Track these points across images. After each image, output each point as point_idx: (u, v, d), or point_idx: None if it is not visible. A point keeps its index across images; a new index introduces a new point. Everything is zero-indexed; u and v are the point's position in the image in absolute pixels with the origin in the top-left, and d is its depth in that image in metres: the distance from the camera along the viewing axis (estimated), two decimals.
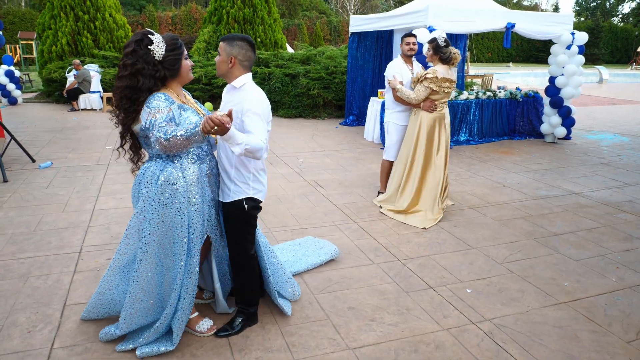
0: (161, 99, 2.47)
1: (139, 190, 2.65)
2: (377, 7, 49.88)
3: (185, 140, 2.40)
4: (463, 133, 8.68)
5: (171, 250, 2.65)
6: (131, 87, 2.46)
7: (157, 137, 2.38)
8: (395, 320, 3.07)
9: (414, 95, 4.77)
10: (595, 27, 41.53)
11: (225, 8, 13.49)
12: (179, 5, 54.61)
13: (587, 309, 3.25)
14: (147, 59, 2.46)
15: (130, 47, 2.47)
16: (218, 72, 2.75)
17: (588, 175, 6.65)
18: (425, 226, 4.64)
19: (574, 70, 8.34)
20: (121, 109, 2.54)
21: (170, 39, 2.54)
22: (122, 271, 2.78)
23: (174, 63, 2.53)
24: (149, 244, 2.59)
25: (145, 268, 2.62)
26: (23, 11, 32.38)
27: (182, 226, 2.61)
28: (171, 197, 2.56)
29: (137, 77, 2.45)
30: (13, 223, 4.55)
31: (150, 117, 2.43)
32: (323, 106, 11.43)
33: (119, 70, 2.51)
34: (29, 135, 8.70)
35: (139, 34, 2.50)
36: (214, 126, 2.27)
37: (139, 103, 2.49)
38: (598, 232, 4.61)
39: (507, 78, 24.00)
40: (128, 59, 2.46)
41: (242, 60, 2.69)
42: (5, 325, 2.92)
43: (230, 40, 2.68)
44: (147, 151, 2.69)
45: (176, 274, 2.66)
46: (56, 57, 13.83)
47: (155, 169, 2.59)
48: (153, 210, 2.56)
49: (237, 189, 2.75)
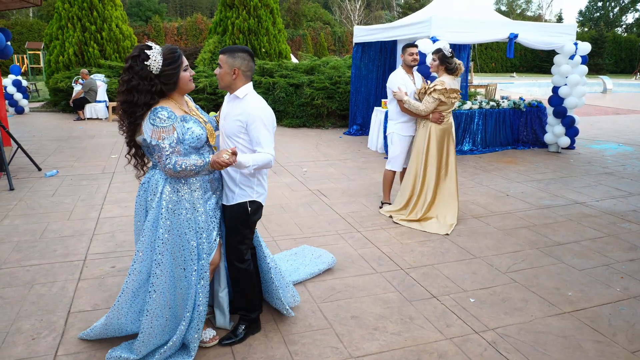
0: (164, 117, 2.47)
1: (145, 198, 2.66)
2: (381, 17, 50.20)
3: (195, 174, 2.53)
4: (467, 143, 8.69)
5: (182, 259, 2.64)
6: (127, 102, 2.49)
7: (165, 166, 2.47)
8: (398, 329, 3.07)
9: (423, 106, 4.81)
10: (599, 38, 41.59)
11: (231, 19, 13.61)
12: (185, 16, 55.16)
13: (592, 319, 3.24)
14: (142, 75, 2.48)
15: (127, 64, 2.51)
16: (221, 84, 2.77)
17: (592, 184, 6.64)
18: (447, 232, 4.72)
19: (578, 80, 8.36)
20: (124, 120, 2.57)
21: (168, 53, 2.53)
22: (134, 295, 2.70)
23: (170, 77, 2.53)
24: (164, 255, 2.59)
25: (160, 281, 2.60)
26: (31, 22, 32.77)
27: (191, 231, 2.63)
28: (177, 204, 2.59)
29: (133, 93, 2.48)
30: (19, 231, 4.58)
31: (154, 135, 2.45)
32: (327, 116, 11.47)
33: (119, 86, 2.57)
34: (35, 144, 8.77)
35: (137, 49, 2.52)
36: (222, 167, 2.47)
37: (137, 117, 2.51)
38: (602, 241, 4.60)
39: (511, 88, 24.04)
40: (125, 75, 2.51)
41: (245, 70, 2.73)
42: (10, 332, 2.93)
43: (231, 52, 2.70)
44: (150, 158, 2.71)
45: (189, 282, 2.65)
46: (63, 67, 13.98)
47: (159, 178, 2.61)
48: (163, 219, 2.57)
49: (241, 192, 2.79)
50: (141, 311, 2.71)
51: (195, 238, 2.65)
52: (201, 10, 61.16)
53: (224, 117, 2.80)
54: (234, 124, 2.71)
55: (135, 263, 2.64)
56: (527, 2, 64.54)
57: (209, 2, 69.95)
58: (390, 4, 54.74)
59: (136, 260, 2.64)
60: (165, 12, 58.52)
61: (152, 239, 2.60)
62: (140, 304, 2.71)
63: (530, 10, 64.22)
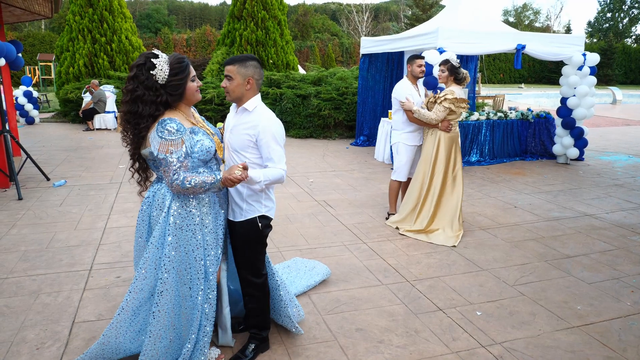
0: (173, 129, 2.36)
1: (149, 213, 2.55)
2: (388, 29, 50.42)
3: (204, 191, 2.40)
4: (474, 154, 8.65)
5: (188, 277, 2.53)
6: (131, 112, 2.39)
7: (173, 182, 2.35)
8: (403, 342, 3.03)
9: (434, 115, 4.83)
10: (609, 48, 41.45)
11: (239, 30, 13.73)
12: (194, 27, 55.71)
13: (601, 333, 3.18)
14: (148, 85, 2.37)
15: (132, 72, 2.39)
16: (231, 96, 2.60)
17: (601, 196, 6.57)
18: (454, 244, 4.70)
19: (586, 91, 8.32)
20: (127, 131, 2.48)
21: (175, 62, 2.43)
22: (134, 313, 2.55)
23: (177, 88, 2.43)
24: (169, 272, 2.46)
25: (165, 300, 2.46)
26: (43, 34, 33.28)
27: (198, 249, 2.52)
28: (185, 220, 2.48)
29: (137, 103, 2.37)
30: (26, 240, 4.60)
31: (162, 149, 2.34)
32: (334, 126, 11.49)
33: (123, 95, 2.45)
34: (44, 154, 8.85)
35: (142, 57, 2.40)
36: (234, 185, 2.35)
37: (142, 128, 2.40)
38: (612, 254, 4.54)
39: (519, 99, 23.98)
40: (129, 84, 2.39)
41: (258, 79, 2.61)
42: (14, 342, 2.93)
43: (242, 61, 2.56)
44: (155, 172, 2.61)
45: (195, 302, 2.54)
46: (73, 78, 14.16)
47: (166, 192, 2.50)
48: (170, 235, 2.45)
49: (249, 208, 2.68)
50: (141, 330, 2.59)
51: (203, 256, 2.54)
52: (210, 22, 61.84)
53: (230, 130, 2.66)
54: (243, 137, 2.58)
55: (137, 281, 2.50)
56: (535, 13, 64.61)
57: (218, 14, 70.74)
58: (398, 16, 54.99)
59: (138, 277, 2.50)
60: (174, 24, 59.24)
61: (156, 256, 2.48)
62: (140, 323, 2.59)
63: (539, 21, 64.28)
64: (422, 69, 5.09)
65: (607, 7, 58.56)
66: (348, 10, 50.93)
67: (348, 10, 50.93)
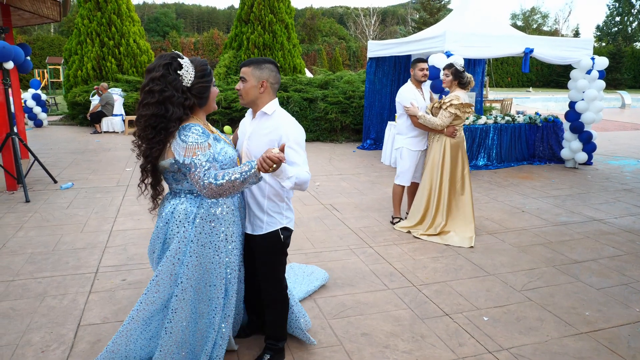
0: (198, 132, 2.24)
1: (166, 231, 2.38)
2: (395, 32, 50.44)
3: (240, 184, 2.18)
4: (481, 158, 8.61)
5: (207, 295, 2.41)
6: (158, 115, 2.20)
7: (204, 182, 2.17)
8: (409, 347, 3.01)
9: (440, 121, 4.82)
10: (617, 52, 41.22)
11: (246, 34, 13.79)
12: (202, 31, 55.99)
13: (610, 339, 3.14)
14: (176, 86, 2.23)
15: (158, 72, 2.22)
16: (245, 99, 2.52)
17: (610, 201, 6.51)
18: (471, 245, 4.74)
19: (595, 95, 8.26)
20: (144, 139, 2.26)
21: (199, 65, 2.32)
22: (146, 323, 2.46)
23: (203, 91, 2.32)
24: (186, 290, 2.35)
25: (180, 317, 2.37)
26: (52, 37, 33.59)
27: (220, 266, 2.41)
28: (209, 236, 2.36)
29: (166, 105, 2.20)
30: (32, 243, 4.62)
31: (188, 153, 2.20)
32: (341, 130, 11.49)
33: (143, 96, 2.25)
34: (52, 157, 8.90)
35: (167, 56, 2.26)
36: (272, 165, 2.11)
37: (168, 134, 2.23)
38: (621, 260, 4.49)
39: (527, 103, 23.88)
40: (156, 85, 2.21)
41: (273, 83, 2.51)
42: (19, 345, 2.94)
43: (257, 64, 2.47)
44: (172, 186, 2.43)
45: (212, 320, 2.44)
46: (81, 82, 14.26)
47: (189, 206, 2.35)
48: (191, 252, 2.33)
49: (271, 220, 2.58)
50: (153, 337, 2.52)
51: (225, 274, 2.43)
52: (218, 25, 62.15)
53: (249, 137, 2.54)
54: (264, 143, 2.47)
55: (149, 293, 2.38)
56: (544, 17, 64.39)
57: (226, 18, 71.09)
58: (405, 19, 55.00)
59: (151, 289, 2.38)
60: (182, 27, 59.60)
61: (172, 271, 2.36)
62: (152, 331, 2.50)
63: (547, 25, 64.04)
64: (424, 72, 5.06)
65: (616, 11, 58.29)
66: (355, 13, 51.03)
67: (355, 13, 51.03)
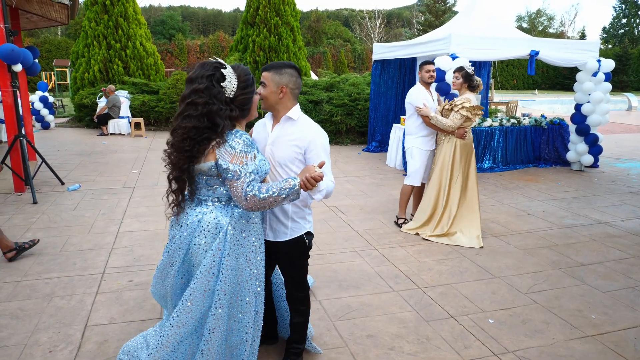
0: (248, 142, 2.17)
1: (190, 240, 2.26)
2: (400, 35, 50.45)
3: (282, 200, 2.15)
4: (487, 160, 8.59)
5: (238, 310, 2.31)
6: (199, 128, 2.13)
7: (248, 194, 2.11)
8: (414, 349, 3.01)
9: (451, 123, 4.86)
10: (624, 54, 41.05)
11: (252, 36, 13.82)
12: (207, 33, 56.21)
13: (616, 343, 3.13)
14: (221, 98, 2.15)
15: (200, 84, 2.13)
16: (265, 104, 2.46)
17: (616, 204, 6.48)
18: (480, 245, 4.79)
19: (601, 97, 8.23)
20: (180, 151, 2.17)
21: (243, 75, 2.24)
22: (174, 349, 2.30)
23: (245, 102, 2.25)
24: (223, 308, 2.23)
25: (216, 338, 2.24)
26: (59, 40, 33.81)
27: (252, 279, 2.32)
28: (242, 247, 2.28)
29: (213, 118, 2.13)
30: (40, 244, 4.65)
31: (236, 161, 2.13)
32: (346, 132, 11.50)
33: (184, 108, 2.16)
34: (59, 159, 8.96)
35: (209, 67, 2.18)
36: (315, 184, 2.12)
37: (207, 145, 2.16)
38: (627, 262, 4.47)
39: (532, 105, 23.81)
40: (200, 98, 2.13)
41: (294, 88, 2.45)
42: (27, 345, 2.96)
43: (278, 68, 2.42)
44: (201, 192, 2.31)
45: (244, 337, 2.34)
46: (88, 84, 14.35)
47: (220, 216, 2.25)
48: (227, 265, 2.21)
49: (295, 226, 2.56)
50: None
51: (255, 287, 2.35)
52: (223, 28, 62.38)
53: (273, 142, 2.48)
54: (290, 149, 2.43)
55: (182, 314, 2.23)
56: (549, 19, 64.21)
57: (231, 20, 71.34)
58: (410, 22, 55.01)
59: (182, 310, 2.23)
60: (188, 30, 59.86)
61: (206, 288, 2.22)
62: (181, 357, 2.34)
63: (553, 27, 63.85)
64: (431, 74, 5.11)
65: (622, 13, 58.03)
66: (360, 16, 51.08)
67: (360, 16, 51.08)
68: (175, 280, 2.34)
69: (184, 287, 2.36)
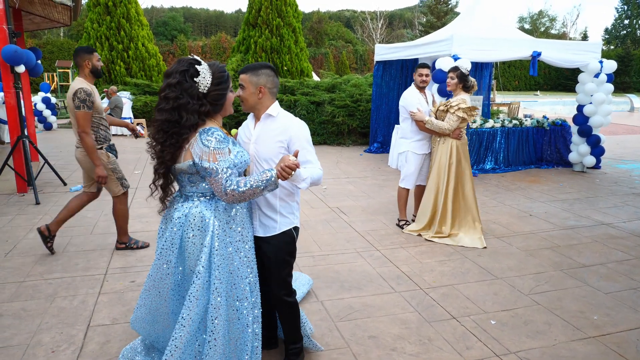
0: (220, 138, 2.23)
1: (180, 235, 2.32)
2: (402, 36, 50.44)
3: (260, 192, 2.21)
4: (489, 161, 8.59)
5: (234, 298, 2.35)
6: (171, 121, 2.21)
7: (226, 189, 2.18)
8: (416, 350, 3.01)
9: (448, 125, 4.87)
10: (626, 55, 40.98)
11: (254, 38, 13.85)
12: (209, 35, 56.29)
13: (618, 344, 3.13)
14: (191, 93, 2.22)
15: (174, 78, 2.21)
16: (245, 105, 2.53)
17: (619, 205, 6.47)
18: (484, 245, 4.81)
19: (603, 98, 8.23)
20: (157, 142, 2.28)
21: (217, 71, 2.30)
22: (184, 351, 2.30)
23: (218, 98, 2.31)
24: (222, 296, 2.28)
25: (220, 327, 2.28)
26: (61, 41, 33.89)
27: (243, 266, 2.37)
28: (229, 237, 2.34)
29: (180, 112, 2.21)
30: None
31: (210, 158, 2.19)
32: (348, 133, 11.50)
33: (159, 102, 2.26)
34: (61, 160, 8.98)
35: (184, 62, 2.25)
36: (291, 173, 2.18)
37: (181, 139, 2.24)
38: (629, 264, 4.47)
39: (534, 106, 23.79)
40: (171, 92, 2.21)
41: (272, 87, 2.52)
42: (30, 345, 2.97)
43: (254, 70, 2.49)
44: (185, 189, 2.39)
45: (244, 324, 2.38)
46: None
47: (205, 210, 2.32)
48: (218, 254, 2.28)
49: (284, 220, 2.60)
50: None
51: (247, 274, 2.39)
52: (225, 29, 62.44)
53: (256, 141, 2.54)
54: (273, 145, 2.49)
55: (189, 311, 2.26)
56: (551, 20, 64.13)
57: (233, 22, 71.41)
58: (412, 23, 55.02)
59: (190, 307, 2.25)
60: (190, 31, 59.94)
61: (206, 280, 2.28)
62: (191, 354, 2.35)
63: (555, 28, 63.76)
64: (423, 78, 5.13)
65: (624, 14, 57.94)
66: (362, 17, 51.10)
67: (362, 17, 51.10)
68: (173, 278, 2.38)
69: (181, 283, 2.41)
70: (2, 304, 3.46)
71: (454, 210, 5.03)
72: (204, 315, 2.31)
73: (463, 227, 5.01)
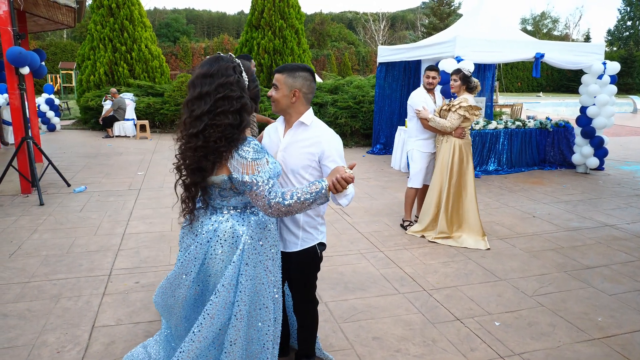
0: (257, 148, 2.02)
1: (206, 250, 2.14)
2: (405, 37, 50.44)
3: (309, 205, 2.01)
4: (492, 163, 8.59)
5: (257, 318, 2.21)
6: (234, 125, 1.97)
7: (271, 202, 1.99)
8: (420, 351, 3.01)
9: (449, 123, 4.89)
10: (629, 57, 40.87)
11: (256, 39, 13.87)
12: (212, 36, 56.37)
13: (622, 346, 3.12)
14: (246, 92, 2.00)
15: (231, 76, 1.96)
16: (276, 107, 2.34)
17: (622, 206, 6.46)
18: (487, 247, 4.82)
19: (606, 100, 8.22)
20: (215, 152, 1.99)
21: (245, 66, 2.08)
22: None
23: (257, 95, 2.13)
24: (243, 319, 2.13)
25: (237, 349, 2.14)
26: (64, 43, 33.97)
27: (269, 286, 2.23)
28: (259, 255, 2.19)
29: (242, 114, 1.98)
30: (47, 245, 4.68)
31: (249, 171, 1.98)
32: (350, 135, 11.51)
33: (218, 103, 1.96)
34: (65, 161, 9.01)
35: (227, 59, 2.00)
36: (346, 186, 2.01)
37: (234, 146, 1.99)
38: (633, 265, 4.46)
39: (537, 108, 23.75)
40: (234, 91, 1.95)
41: (307, 93, 2.32)
42: (35, 345, 2.98)
43: (291, 71, 2.29)
44: (215, 202, 2.17)
45: (264, 345, 2.24)
46: (94, 86, 14.43)
47: (237, 225, 2.14)
48: (246, 275, 2.11)
49: (307, 236, 2.46)
50: None
51: (273, 294, 2.25)
52: (228, 31, 62.56)
53: (285, 148, 2.35)
54: (303, 156, 2.31)
55: (203, 329, 2.09)
56: (554, 22, 64.06)
57: (236, 23, 71.51)
58: (415, 24, 55.00)
59: (204, 324, 2.09)
60: (193, 33, 60.04)
61: (227, 299, 2.11)
62: None
63: (557, 29, 63.67)
64: (429, 80, 5.22)
65: (627, 15, 57.83)
66: (365, 19, 51.10)
67: (365, 19, 51.10)
68: (189, 291, 2.22)
69: (197, 298, 2.27)
70: (7, 305, 3.48)
71: (456, 209, 5.04)
72: (219, 333, 2.18)
73: (465, 227, 5.01)
